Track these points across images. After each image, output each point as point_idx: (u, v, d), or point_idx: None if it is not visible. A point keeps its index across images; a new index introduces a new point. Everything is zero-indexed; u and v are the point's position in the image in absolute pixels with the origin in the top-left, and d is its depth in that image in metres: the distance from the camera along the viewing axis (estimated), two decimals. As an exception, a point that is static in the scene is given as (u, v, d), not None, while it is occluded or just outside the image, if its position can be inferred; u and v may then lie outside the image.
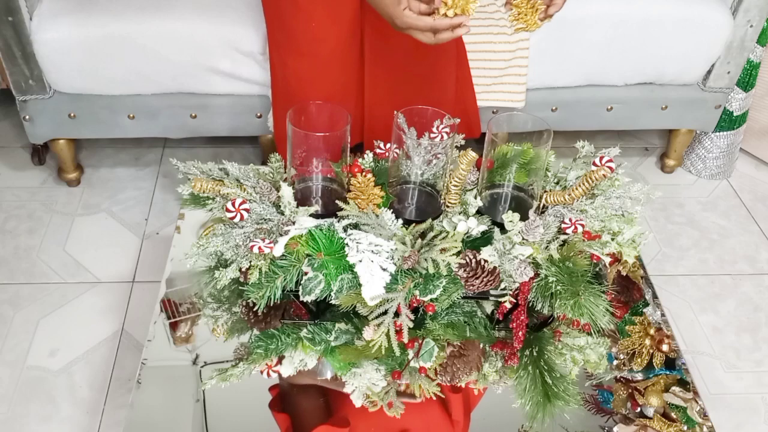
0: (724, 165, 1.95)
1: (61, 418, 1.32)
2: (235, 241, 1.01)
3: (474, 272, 0.98)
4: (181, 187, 1.12)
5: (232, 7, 1.59)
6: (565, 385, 0.97)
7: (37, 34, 1.54)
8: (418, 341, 1.00)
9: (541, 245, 1.01)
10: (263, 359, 1.00)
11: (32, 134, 1.71)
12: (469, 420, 0.98)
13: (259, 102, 1.67)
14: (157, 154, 1.95)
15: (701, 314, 1.59)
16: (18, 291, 1.55)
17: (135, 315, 1.51)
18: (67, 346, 1.44)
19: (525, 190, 1.07)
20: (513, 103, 1.67)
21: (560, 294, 0.97)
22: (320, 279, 0.99)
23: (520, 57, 1.62)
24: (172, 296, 1.13)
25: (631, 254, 1.04)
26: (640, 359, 1.04)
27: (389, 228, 1.01)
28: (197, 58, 1.58)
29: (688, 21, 1.65)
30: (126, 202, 1.79)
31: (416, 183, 1.06)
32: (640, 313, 1.10)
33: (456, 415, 0.98)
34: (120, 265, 1.62)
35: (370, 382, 0.98)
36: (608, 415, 0.97)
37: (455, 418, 0.98)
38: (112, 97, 1.65)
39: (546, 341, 1.03)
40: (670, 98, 1.78)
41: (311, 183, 1.08)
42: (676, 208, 1.87)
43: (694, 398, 0.99)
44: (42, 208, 1.76)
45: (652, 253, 1.73)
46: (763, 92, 1.91)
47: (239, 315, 1.07)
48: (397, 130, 1.02)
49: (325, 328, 1.05)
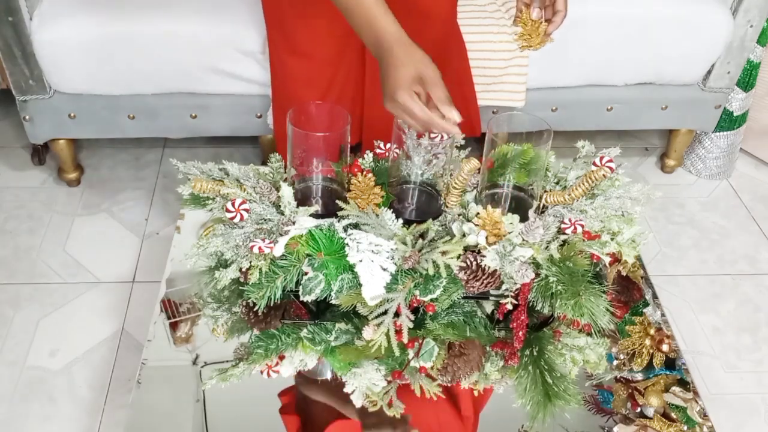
0: (724, 165, 1.95)
1: (61, 418, 1.32)
2: (235, 241, 1.01)
3: (474, 274, 0.98)
4: (181, 187, 1.12)
5: (232, 7, 1.59)
6: (565, 384, 0.97)
7: (37, 34, 1.54)
8: (418, 341, 1.00)
9: (541, 245, 1.01)
10: (263, 359, 1.00)
11: (32, 134, 1.71)
12: (478, 417, 0.99)
13: (259, 102, 1.67)
14: (157, 154, 1.95)
15: (701, 314, 1.59)
16: (18, 291, 1.55)
17: (135, 315, 1.51)
18: (67, 346, 1.44)
19: (525, 190, 1.07)
20: (513, 102, 1.67)
21: (561, 294, 0.97)
22: (320, 279, 0.99)
23: (520, 56, 1.62)
24: (172, 296, 1.13)
25: (631, 254, 1.04)
26: (640, 359, 1.04)
27: (389, 228, 1.01)
28: (197, 58, 1.58)
29: (688, 21, 1.64)
30: (126, 202, 1.79)
31: (416, 183, 1.06)
32: (640, 313, 1.10)
33: (465, 411, 0.98)
34: (120, 265, 1.62)
35: (370, 382, 0.98)
36: (608, 415, 0.97)
37: (465, 414, 0.98)
38: (112, 97, 1.65)
39: (546, 341, 1.03)
40: (670, 98, 1.78)
41: (311, 183, 1.08)
42: (676, 208, 1.87)
43: (694, 398, 0.99)
44: (42, 208, 1.76)
45: (652, 253, 1.73)
46: (763, 92, 1.91)
47: (239, 315, 1.07)
48: (397, 130, 1.02)
49: (325, 328, 1.05)
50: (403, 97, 0.91)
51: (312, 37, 1.31)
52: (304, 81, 1.38)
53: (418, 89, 0.92)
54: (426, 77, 0.91)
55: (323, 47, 1.32)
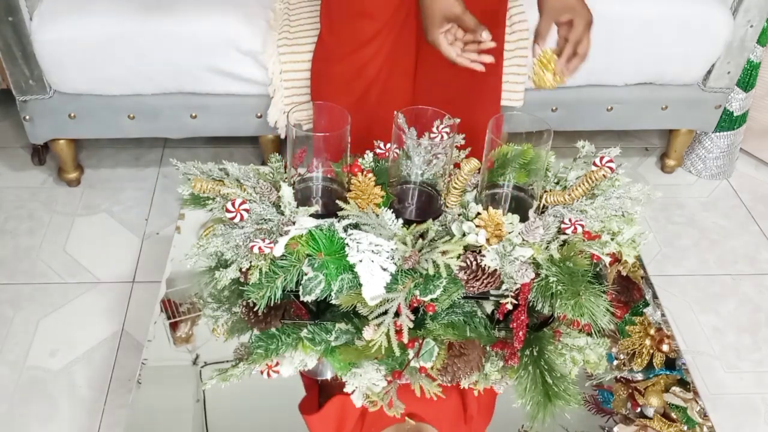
0: (724, 165, 1.95)
1: (61, 418, 1.32)
2: (235, 241, 1.01)
3: (474, 274, 0.98)
4: (181, 187, 1.12)
5: (232, 6, 1.59)
6: (565, 384, 0.97)
7: (37, 34, 1.54)
8: (418, 341, 1.00)
9: (542, 245, 1.01)
10: (263, 359, 1.00)
11: (32, 134, 1.71)
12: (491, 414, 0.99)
13: (259, 102, 1.67)
14: (157, 154, 1.95)
15: (701, 314, 1.59)
16: (18, 291, 1.55)
17: (135, 315, 1.51)
18: (67, 346, 1.44)
19: (525, 190, 1.07)
20: (511, 102, 1.67)
21: (561, 294, 0.97)
22: (320, 279, 0.99)
23: (520, 56, 1.62)
24: (172, 296, 1.13)
25: (631, 254, 1.04)
26: (640, 359, 1.04)
27: (389, 228, 1.01)
28: (197, 58, 1.58)
29: (688, 21, 1.65)
30: (126, 202, 1.79)
31: (416, 183, 1.05)
32: (641, 314, 1.10)
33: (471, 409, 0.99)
34: (120, 265, 1.62)
35: (370, 382, 0.98)
36: (608, 415, 0.97)
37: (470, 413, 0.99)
38: (112, 97, 1.65)
39: (546, 341, 1.03)
40: (670, 98, 1.78)
41: (311, 183, 1.08)
42: (677, 209, 1.87)
43: (694, 398, 0.99)
44: (42, 208, 1.76)
45: (652, 253, 1.73)
46: (763, 92, 1.91)
47: (239, 315, 1.07)
48: (397, 130, 1.02)
49: (325, 328, 1.05)
50: (432, 37, 1.05)
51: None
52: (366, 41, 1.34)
53: (447, 26, 1.04)
54: (450, 15, 1.03)
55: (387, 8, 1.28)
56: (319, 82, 1.48)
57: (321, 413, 0.97)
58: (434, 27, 1.04)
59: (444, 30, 1.04)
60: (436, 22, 1.03)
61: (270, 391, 1.00)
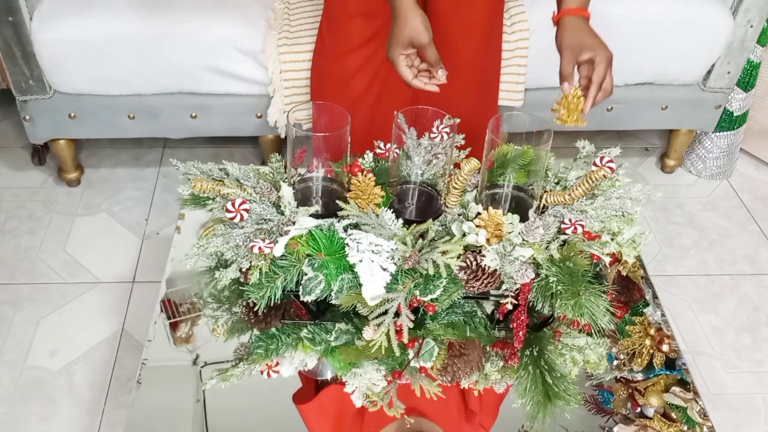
0: (724, 165, 1.95)
1: (61, 418, 1.32)
2: (235, 241, 1.01)
3: (474, 274, 0.98)
4: (181, 187, 1.12)
5: (232, 6, 1.59)
6: (565, 384, 0.97)
7: (37, 34, 1.54)
8: (418, 341, 1.00)
9: (542, 245, 1.01)
10: (263, 359, 1.00)
11: (32, 134, 1.71)
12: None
13: (259, 102, 1.67)
14: (157, 154, 1.95)
15: (701, 314, 1.59)
16: (18, 291, 1.55)
17: (135, 315, 1.51)
18: (67, 346, 1.44)
19: (525, 190, 1.07)
20: (511, 102, 1.67)
21: (561, 294, 0.97)
22: (320, 279, 0.99)
23: (519, 56, 1.62)
24: (172, 296, 1.13)
25: (631, 254, 1.04)
26: (640, 359, 1.04)
27: (389, 228, 1.01)
28: (197, 58, 1.58)
29: (688, 21, 1.65)
30: (126, 202, 1.79)
31: (416, 183, 1.05)
32: (640, 313, 1.10)
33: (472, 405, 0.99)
34: (120, 265, 1.62)
35: (370, 382, 0.98)
36: (608, 415, 0.97)
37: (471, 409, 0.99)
38: (112, 97, 1.65)
39: (546, 341, 1.03)
40: (670, 98, 1.78)
41: (311, 183, 1.08)
42: (677, 209, 1.87)
43: (694, 398, 0.99)
44: (42, 208, 1.76)
45: (652, 253, 1.73)
46: (763, 92, 1.91)
47: (239, 315, 1.07)
48: (397, 130, 1.02)
49: (326, 328, 1.05)
50: (392, 54, 1.06)
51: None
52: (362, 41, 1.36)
53: (410, 51, 1.05)
54: (416, 42, 1.04)
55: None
56: (319, 81, 1.49)
57: (315, 402, 0.97)
58: (397, 47, 1.05)
59: (405, 53, 1.05)
60: (401, 43, 1.04)
61: (270, 391, 1.00)
